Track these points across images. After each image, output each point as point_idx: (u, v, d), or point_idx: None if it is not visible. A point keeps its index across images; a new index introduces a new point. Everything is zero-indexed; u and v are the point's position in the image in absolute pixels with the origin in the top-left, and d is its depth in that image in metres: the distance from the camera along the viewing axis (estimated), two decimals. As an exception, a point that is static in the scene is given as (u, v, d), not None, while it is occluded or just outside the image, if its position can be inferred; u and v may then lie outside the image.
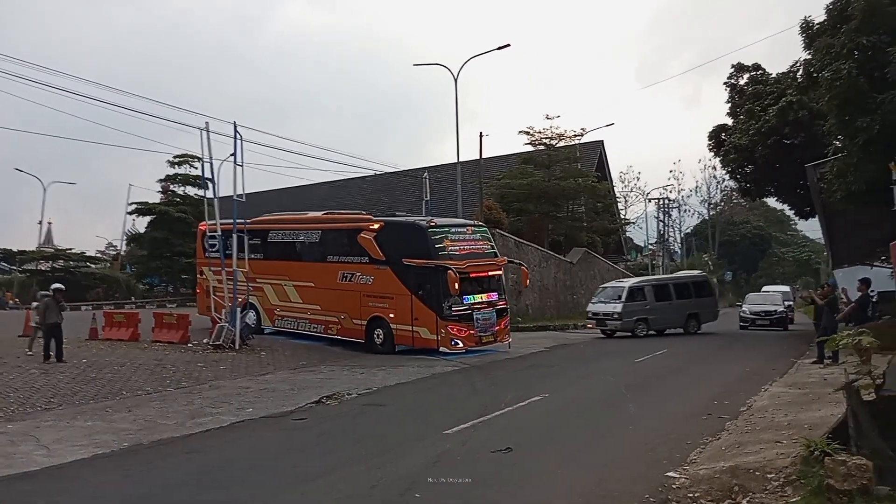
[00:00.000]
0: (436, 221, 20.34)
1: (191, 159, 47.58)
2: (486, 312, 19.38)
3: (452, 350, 18.60)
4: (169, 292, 53.48)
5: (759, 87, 28.13)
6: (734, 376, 15.26)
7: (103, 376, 14.48)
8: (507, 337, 20.48)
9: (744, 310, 33.23)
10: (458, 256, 19.00)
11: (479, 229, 21.14)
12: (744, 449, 7.93)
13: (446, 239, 19.18)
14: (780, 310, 31.98)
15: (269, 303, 23.01)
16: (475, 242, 20.13)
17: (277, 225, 23.87)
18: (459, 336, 18.70)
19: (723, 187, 69.57)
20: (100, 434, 9.72)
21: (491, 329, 19.46)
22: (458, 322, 18.74)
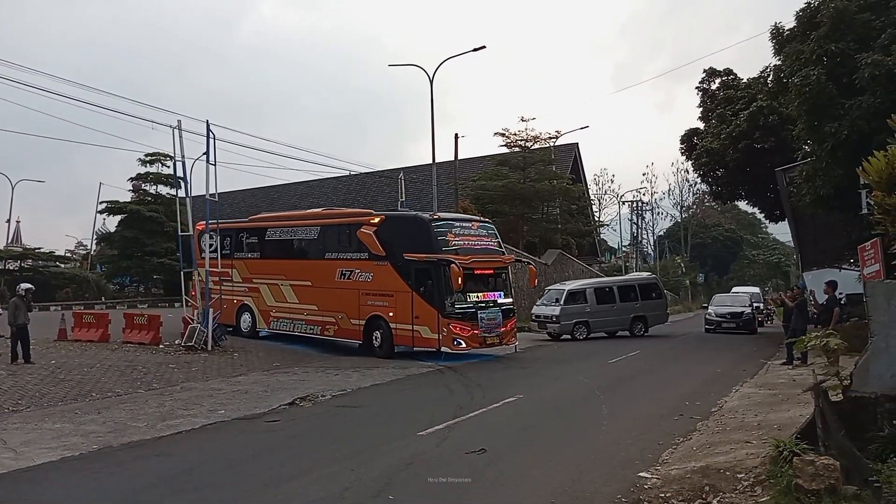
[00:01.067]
0: (440, 215, 19.68)
1: (163, 158, 47.03)
2: (491, 312, 18.54)
3: (455, 350, 17.80)
4: (140, 292, 52.79)
5: (730, 92, 28.52)
6: (705, 377, 15.44)
7: (72, 378, 14.26)
8: (514, 339, 19.65)
9: (709, 312, 32.03)
10: (463, 251, 18.12)
11: (485, 225, 20.26)
12: (714, 449, 8.03)
13: (450, 233, 18.32)
14: (748, 312, 30.84)
15: (264, 304, 22.22)
16: (480, 238, 19.27)
17: (275, 223, 23.20)
18: (462, 335, 17.83)
19: (695, 190, 70.46)
20: (69, 436, 9.57)
21: (496, 330, 18.55)
22: (462, 320, 17.89)
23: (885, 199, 7.19)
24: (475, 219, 20.91)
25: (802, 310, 17.22)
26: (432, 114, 32.36)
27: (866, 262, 15.64)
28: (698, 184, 56.71)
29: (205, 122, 19.97)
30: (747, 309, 30.79)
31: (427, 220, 18.71)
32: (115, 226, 52.74)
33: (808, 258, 33.01)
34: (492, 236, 19.86)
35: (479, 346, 18.22)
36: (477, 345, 18.13)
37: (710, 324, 30.74)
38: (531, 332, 27.36)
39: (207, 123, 19.87)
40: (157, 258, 47.97)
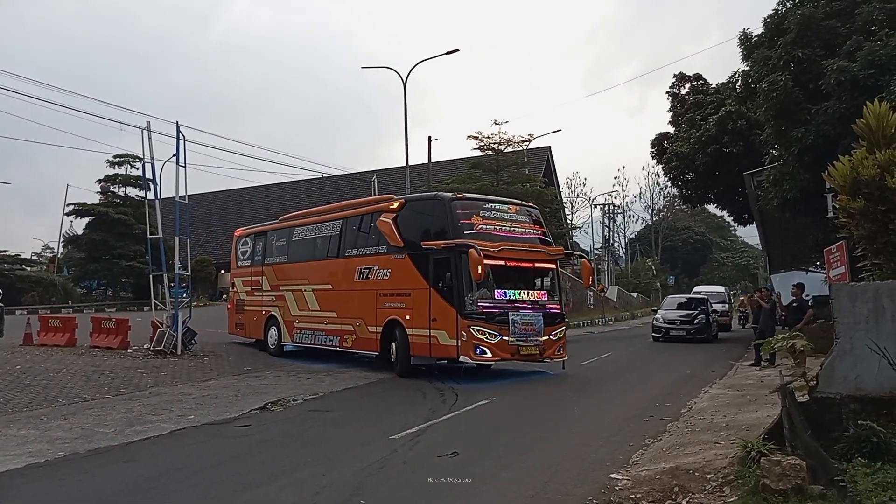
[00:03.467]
0: (466, 195, 16.47)
1: (131, 159, 46.49)
2: (527, 315, 14.95)
3: (478, 360, 14.54)
4: (108, 296, 52.06)
5: (700, 97, 28.97)
6: (675, 378, 15.60)
7: (38, 383, 14.00)
8: (562, 353, 15.84)
9: (657, 317, 27.98)
10: (491, 237, 14.90)
11: (527, 210, 16.63)
12: (684, 450, 8.11)
13: (476, 215, 15.17)
14: (702, 317, 26.53)
15: (289, 313, 19.75)
16: (520, 224, 15.91)
17: (300, 220, 20.86)
18: (486, 343, 14.37)
19: (665, 194, 71.38)
20: (34, 443, 9.37)
21: (534, 338, 14.92)
22: (487, 323, 14.45)
23: (850, 203, 7.33)
24: (514, 202, 17.02)
25: (771, 311, 17.47)
26: (405, 116, 32.40)
27: (832, 265, 15.96)
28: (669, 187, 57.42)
29: (174, 123, 19.76)
30: (701, 315, 26.68)
31: (447, 199, 15.58)
32: (83, 228, 52.11)
33: (775, 260, 33.57)
34: (535, 223, 16.51)
35: (511, 357, 14.85)
36: (507, 355, 14.70)
37: (658, 331, 26.73)
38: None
39: (177, 124, 19.66)
40: (126, 261, 47.40)
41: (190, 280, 21.52)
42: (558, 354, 15.67)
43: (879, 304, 6.64)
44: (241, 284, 21.95)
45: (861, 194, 7.19)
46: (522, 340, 14.74)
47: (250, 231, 22.70)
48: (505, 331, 14.55)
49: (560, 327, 15.88)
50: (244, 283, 21.70)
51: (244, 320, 21.65)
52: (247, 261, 21.74)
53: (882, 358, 6.44)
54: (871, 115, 7.94)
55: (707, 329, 26.11)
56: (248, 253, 21.87)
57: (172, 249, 20.57)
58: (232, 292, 23.09)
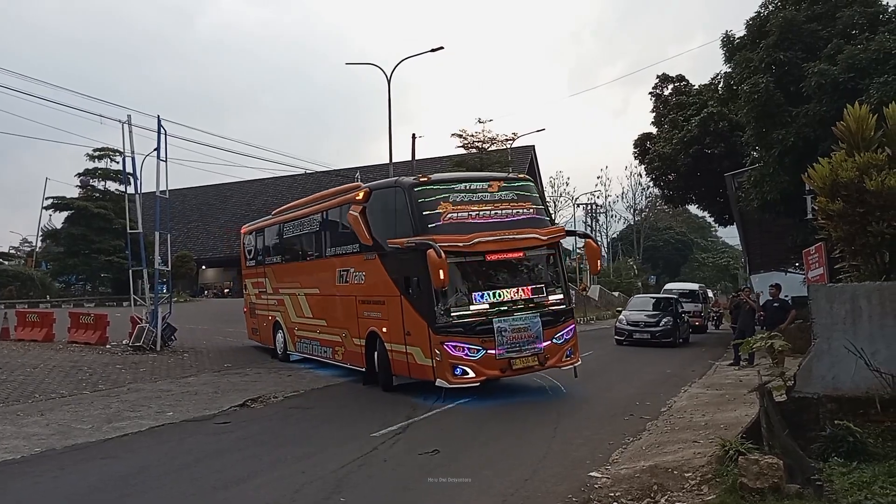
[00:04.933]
0: (432, 176, 13.30)
1: (112, 153, 46.00)
2: (518, 319, 12.02)
3: (458, 383, 11.71)
4: (87, 291, 51.54)
5: (682, 98, 29.09)
6: (655, 377, 15.68)
7: (15, 378, 13.86)
8: (573, 358, 12.89)
9: (620, 318, 25.00)
10: (464, 227, 11.96)
11: (515, 185, 13.30)
12: (663, 449, 8.16)
13: (445, 202, 12.16)
14: (667, 319, 23.63)
15: (289, 320, 17.87)
16: (504, 205, 12.66)
17: (290, 214, 18.51)
18: (467, 361, 11.62)
19: (647, 194, 71.71)
20: (9, 439, 9.30)
21: (530, 346, 11.99)
22: (465, 336, 11.69)
23: (829, 205, 7.39)
24: (496, 176, 13.94)
25: (750, 311, 17.61)
26: (389, 113, 32.27)
27: (811, 266, 16.11)
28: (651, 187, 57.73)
29: (156, 118, 19.59)
30: (667, 316, 23.91)
31: (407, 185, 12.54)
32: (62, 222, 51.52)
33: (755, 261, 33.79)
34: (524, 200, 13.08)
35: (501, 374, 12.03)
36: (495, 372, 11.91)
37: (620, 334, 23.85)
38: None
39: (158, 119, 19.49)
40: (105, 256, 46.94)
41: (170, 276, 21.32)
42: (568, 360, 12.71)
43: (857, 305, 6.72)
44: (251, 286, 20.66)
45: (840, 196, 7.26)
46: (515, 352, 11.87)
47: (252, 228, 21.24)
48: (490, 343, 11.70)
49: (566, 326, 12.79)
50: (253, 284, 20.53)
51: (258, 325, 20.36)
52: (252, 260, 20.68)
53: (859, 358, 6.51)
54: (851, 117, 8.02)
55: (674, 332, 23.49)
56: (252, 252, 20.76)
57: (152, 245, 20.38)
58: (245, 295, 21.68)
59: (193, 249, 60.57)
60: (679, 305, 25.73)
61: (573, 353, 12.95)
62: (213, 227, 65.85)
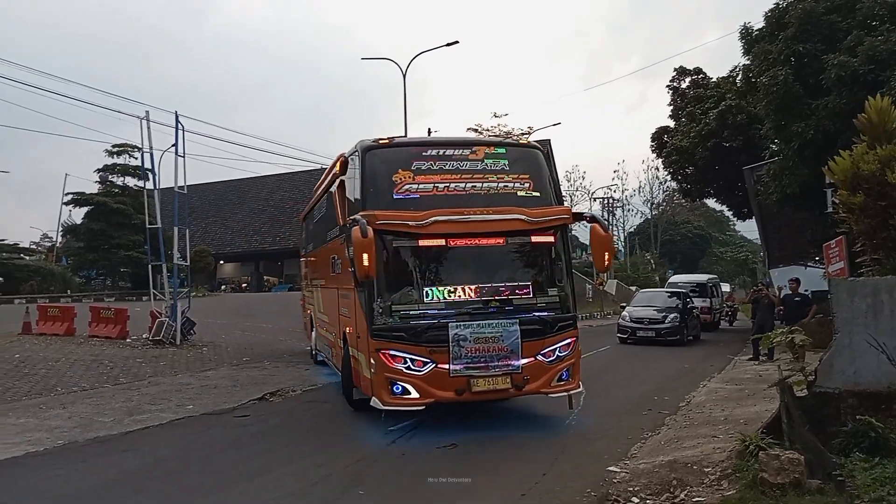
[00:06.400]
0: (395, 139, 10.08)
1: (130, 149, 46.39)
2: (485, 325, 8.96)
3: (393, 405, 8.92)
4: (107, 286, 52.05)
5: (700, 91, 28.91)
6: (673, 372, 15.62)
7: (37, 372, 14.02)
8: (570, 383, 9.66)
9: (623, 314, 23.71)
10: (424, 203, 9.19)
11: (510, 152, 10.16)
12: (682, 443, 8.13)
13: (403, 169, 9.41)
14: (673, 316, 22.35)
15: (315, 315, 16.19)
16: (485, 177, 9.67)
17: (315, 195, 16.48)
18: (409, 376, 8.84)
19: (665, 188, 71.27)
20: (32, 431, 9.40)
21: (501, 362, 8.94)
22: (408, 343, 8.85)
23: (850, 198, 7.33)
24: (481, 141, 11.48)
25: (770, 306, 17.48)
26: (405, 108, 32.33)
27: (831, 260, 15.94)
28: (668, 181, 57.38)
29: (173, 114, 19.72)
30: (674, 313, 22.61)
31: (363, 148, 9.78)
32: (82, 218, 52.04)
33: (774, 255, 33.56)
34: (520, 172, 9.93)
35: (456, 397, 8.89)
36: (447, 394, 8.86)
37: (623, 331, 22.73)
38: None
39: (176, 115, 19.61)
40: (125, 251, 47.36)
41: (188, 271, 21.48)
42: (561, 385, 9.49)
43: (878, 299, 6.65)
44: (303, 279, 19.51)
45: (861, 189, 7.19)
46: (477, 368, 8.83)
47: (302, 213, 20.05)
48: (442, 355, 8.75)
49: (561, 339, 9.47)
50: (303, 276, 19.58)
51: (304, 321, 19.05)
52: (302, 249, 19.70)
53: (880, 353, 6.45)
54: (872, 110, 7.94)
55: (681, 330, 22.22)
56: (301, 240, 19.90)
57: (171, 240, 20.55)
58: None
59: (211, 244, 61.01)
60: (689, 300, 24.63)
61: (571, 377, 9.58)
62: (230, 222, 66.30)
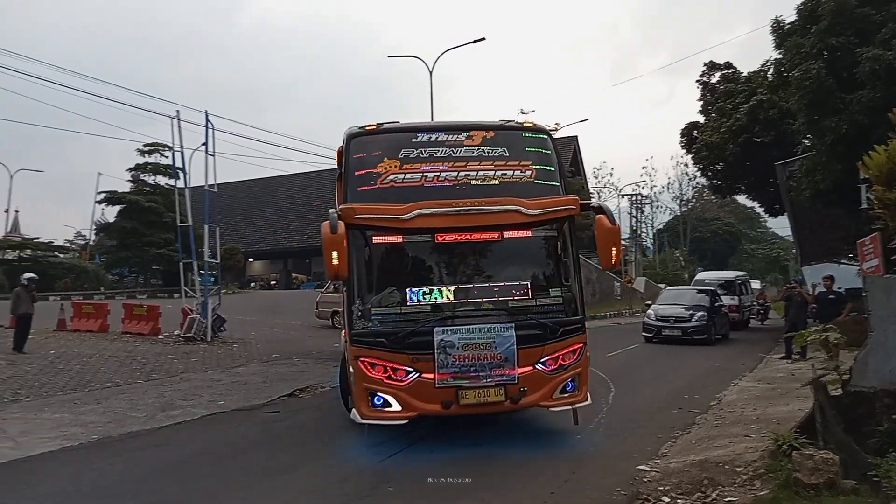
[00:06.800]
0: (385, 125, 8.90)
1: (161, 148, 46.96)
2: (475, 330, 7.97)
3: (373, 418, 8.08)
4: (139, 283, 52.82)
5: (730, 86, 28.54)
6: (704, 371, 15.47)
7: (72, 368, 14.28)
8: (576, 395, 8.47)
9: (649, 312, 23.11)
10: (411, 193, 8.22)
11: (512, 136, 9.03)
12: (714, 443, 8.05)
13: (389, 157, 8.46)
14: (700, 314, 21.76)
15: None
16: (481, 164, 8.56)
17: None
18: (390, 386, 7.93)
19: (694, 184, 70.53)
20: (68, 426, 9.58)
21: (493, 372, 7.93)
22: (388, 350, 7.94)
23: (885, 193, 7.21)
24: (477, 125, 9.11)
25: (802, 304, 17.23)
26: (432, 106, 32.46)
27: (865, 257, 15.60)
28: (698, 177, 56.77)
29: (203, 113, 19.95)
30: (701, 311, 21.99)
31: (348, 135, 8.85)
32: (114, 216, 52.78)
33: (806, 252, 32.98)
34: (521, 159, 8.76)
35: (443, 410, 7.93)
36: (433, 407, 7.93)
37: (649, 330, 22.20)
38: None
39: (206, 114, 19.85)
40: (156, 249, 47.97)
41: (219, 268, 21.73)
42: (565, 398, 8.39)
43: (915, 296, 6.53)
44: None
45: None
46: (466, 378, 7.86)
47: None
48: (426, 363, 7.84)
49: (566, 347, 8.33)
50: None
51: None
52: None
53: (918, 352, 6.33)
54: (908, 103, 7.79)
55: (709, 328, 21.59)
56: None
57: (202, 237, 20.81)
58: None
59: (241, 242, 61.65)
60: (717, 298, 24.00)
61: (577, 388, 8.43)
62: (259, 220, 66.95)
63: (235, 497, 6.69)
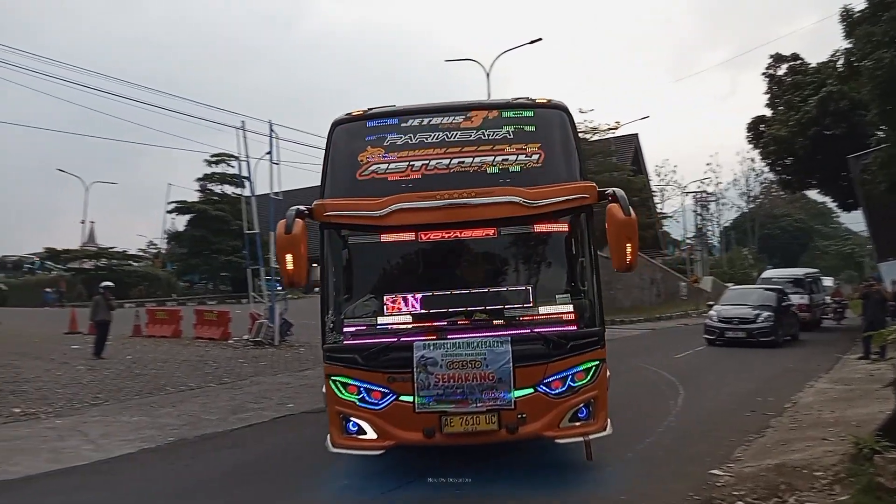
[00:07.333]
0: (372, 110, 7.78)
1: (228, 158, 48.17)
2: (462, 346, 6.61)
3: (346, 447, 6.90)
4: (208, 289, 54.32)
5: (798, 78, 27.75)
6: (776, 372, 15.02)
7: (148, 372, 14.78)
8: (591, 424, 6.86)
9: (711, 314, 21.89)
10: (394, 187, 7.08)
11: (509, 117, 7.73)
12: (790, 446, 7.82)
13: (373, 146, 7.32)
14: (767, 314, 20.33)
15: None
16: (479, 149, 7.29)
17: None
18: (361, 410, 6.76)
19: (762, 180, 68.60)
20: (145, 429, 9.94)
21: (484, 395, 6.55)
22: (360, 369, 6.76)
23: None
24: (481, 104, 8.20)
25: (881, 302, 16.58)
26: (490, 108, 32.25)
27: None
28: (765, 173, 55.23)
29: (267, 122, 20.45)
30: (767, 312, 20.51)
31: (334, 123, 7.70)
32: (184, 225, 54.39)
33: (883, 248, 31.67)
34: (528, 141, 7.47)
35: (424, 440, 6.64)
36: (414, 435, 6.66)
37: (711, 332, 20.94)
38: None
39: (270, 124, 20.33)
40: (224, 256, 49.23)
41: (285, 273, 22.13)
42: (576, 427, 6.84)
43: None
44: None
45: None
46: (451, 402, 6.57)
47: None
48: (404, 384, 6.63)
49: (575, 363, 6.82)
50: None
51: None
52: None
53: None
54: None
55: (776, 330, 20.22)
56: None
57: (268, 244, 21.26)
58: None
59: (305, 248, 62.63)
60: (785, 297, 22.46)
61: (592, 415, 6.87)
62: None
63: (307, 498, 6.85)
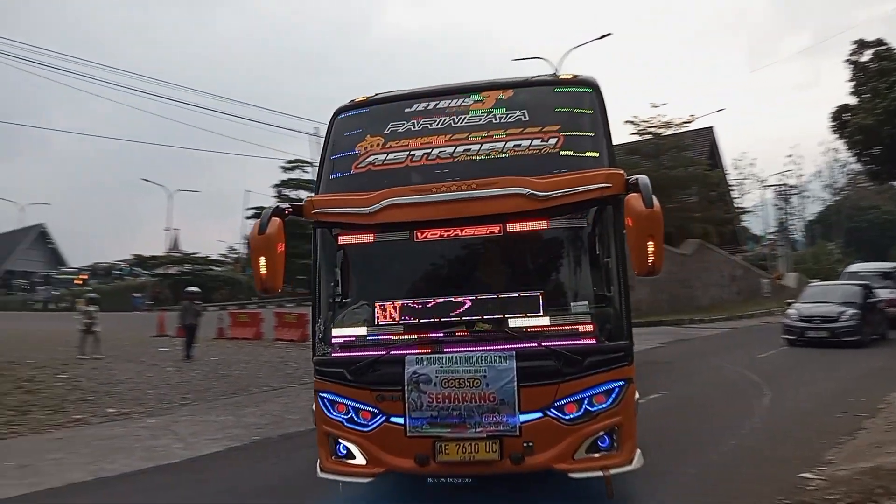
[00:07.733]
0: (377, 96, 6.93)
1: (302, 164, 49.31)
2: (455, 361, 5.62)
3: (334, 472, 6.13)
4: (287, 293, 55.66)
5: (884, 64, 26.63)
6: (865, 371, 14.38)
7: (232, 373, 15.29)
8: (612, 457, 5.67)
9: (790, 312, 20.35)
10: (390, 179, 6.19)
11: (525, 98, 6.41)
12: (886, 448, 7.47)
13: (373, 135, 6.49)
14: (852, 312, 18.85)
15: None
16: (490, 135, 6.18)
17: None
18: (349, 432, 6.00)
19: (847, 171, 65.78)
20: (231, 428, 10.28)
21: (485, 418, 5.55)
22: (348, 385, 5.99)
23: None
24: (494, 84, 6.60)
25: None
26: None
27: None
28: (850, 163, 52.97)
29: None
30: (853, 309, 19.01)
31: (334, 112, 6.96)
32: (262, 230, 55.90)
33: (983, 239, 29.99)
34: (539, 125, 6.17)
35: (417, 468, 5.70)
36: (406, 462, 5.74)
37: (791, 332, 19.63)
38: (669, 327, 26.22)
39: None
40: (300, 260, 50.27)
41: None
42: (592, 459, 5.71)
43: None
44: None
45: None
46: (447, 426, 5.66)
47: None
48: (395, 403, 5.79)
49: (595, 383, 5.70)
50: None
51: None
52: None
53: None
54: None
55: (861, 328, 18.77)
56: None
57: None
58: None
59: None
60: (871, 293, 20.58)
61: (615, 445, 5.77)
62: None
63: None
